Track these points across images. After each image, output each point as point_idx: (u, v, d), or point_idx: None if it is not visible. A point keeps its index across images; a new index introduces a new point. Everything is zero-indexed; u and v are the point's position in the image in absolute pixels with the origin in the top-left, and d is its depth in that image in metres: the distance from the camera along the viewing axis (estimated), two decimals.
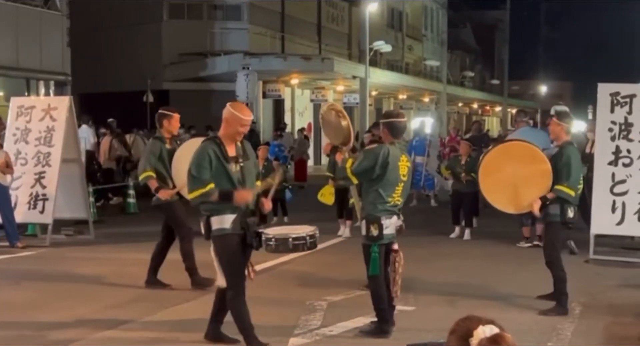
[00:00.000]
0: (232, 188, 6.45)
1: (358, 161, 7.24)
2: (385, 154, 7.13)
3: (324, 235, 13.28)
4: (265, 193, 7.00)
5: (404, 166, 7.28)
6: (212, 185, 6.40)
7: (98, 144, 20.17)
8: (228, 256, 6.59)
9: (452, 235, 13.70)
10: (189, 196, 6.61)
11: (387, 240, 7.23)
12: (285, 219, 15.43)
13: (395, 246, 7.32)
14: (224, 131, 6.54)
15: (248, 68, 25.81)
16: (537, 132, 13.78)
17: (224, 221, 6.51)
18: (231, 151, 6.51)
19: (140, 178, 9.40)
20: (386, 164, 7.13)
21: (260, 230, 6.71)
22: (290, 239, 6.78)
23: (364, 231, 7.29)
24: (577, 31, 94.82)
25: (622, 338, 7.39)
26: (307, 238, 6.87)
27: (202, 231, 6.69)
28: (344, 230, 13.88)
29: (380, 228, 7.14)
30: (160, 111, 9.61)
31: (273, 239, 6.73)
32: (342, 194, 13.28)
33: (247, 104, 26.94)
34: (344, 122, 7.82)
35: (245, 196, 6.45)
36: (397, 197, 7.25)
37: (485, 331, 2.56)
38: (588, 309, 8.37)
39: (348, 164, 7.28)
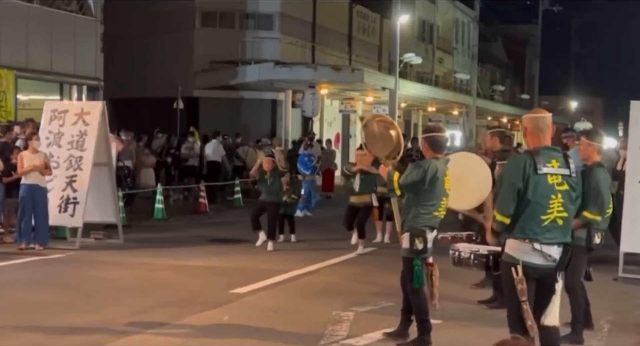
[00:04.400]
0: None
1: (405, 175, 7.21)
2: (433, 170, 7.14)
3: (344, 248, 13.37)
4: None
5: (448, 180, 7.32)
6: None
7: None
8: None
9: None
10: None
11: (429, 254, 7.24)
12: (293, 238, 14.52)
13: (430, 260, 7.31)
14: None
15: (314, 87, 27.82)
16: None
17: None
18: None
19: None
20: (435, 180, 7.13)
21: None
22: None
23: (406, 244, 7.24)
24: (608, 47, 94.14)
25: None
26: None
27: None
28: (360, 246, 13.18)
29: (425, 241, 7.15)
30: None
31: None
32: (354, 211, 13.16)
33: (311, 119, 28.75)
34: (392, 133, 7.67)
35: None
36: (441, 211, 7.28)
37: None
38: (616, 327, 8.29)
39: (395, 177, 7.26)
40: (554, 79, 75.01)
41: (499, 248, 5.95)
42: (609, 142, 26.96)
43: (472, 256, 6.23)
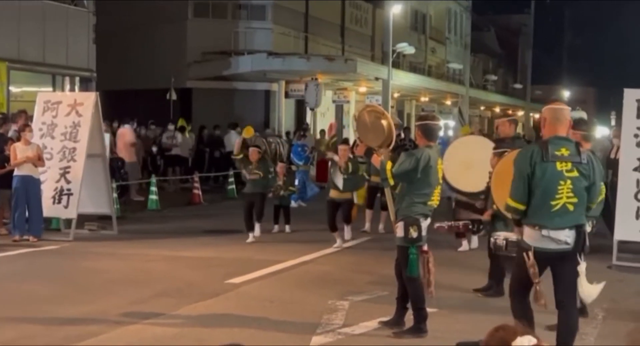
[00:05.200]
0: None
1: (398, 163, 7.22)
2: (426, 158, 7.16)
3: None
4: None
5: (441, 168, 7.37)
6: None
7: None
8: None
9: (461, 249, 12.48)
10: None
11: (424, 242, 7.26)
12: (287, 228, 14.48)
13: (425, 247, 7.34)
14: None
15: (317, 79, 28.12)
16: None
17: None
18: None
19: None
20: (429, 168, 7.16)
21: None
22: None
23: (401, 233, 7.25)
24: (601, 37, 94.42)
25: None
26: None
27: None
28: (341, 240, 12.79)
29: (420, 229, 7.17)
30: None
31: None
32: (335, 207, 12.68)
33: (312, 110, 29.23)
34: (384, 122, 7.66)
35: None
36: (435, 199, 7.30)
37: (523, 342, 2.46)
38: (611, 315, 8.33)
39: (388, 166, 7.28)
40: (547, 68, 75.15)
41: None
42: (601, 131, 27.03)
43: (505, 243, 6.53)
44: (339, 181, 12.60)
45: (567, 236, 5.89)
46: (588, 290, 6.08)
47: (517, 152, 6.31)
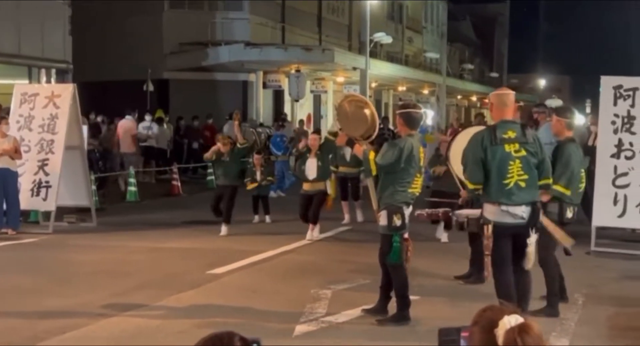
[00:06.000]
0: None
1: (382, 154, 7.24)
2: (409, 147, 7.19)
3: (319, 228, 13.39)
4: None
5: (423, 157, 7.46)
6: None
7: None
8: None
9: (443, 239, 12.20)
10: None
11: (406, 230, 7.30)
12: (267, 218, 14.40)
13: (406, 235, 7.37)
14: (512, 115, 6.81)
15: (299, 71, 28.43)
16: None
17: None
18: None
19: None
20: (411, 157, 7.19)
21: None
22: None
23: (384, 222, 7.28)
24: (576, 25, 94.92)
25: (624, 329, 7.45)
26: None
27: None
28: (312, 233, 12.42)
29: (403, 217, 7.22)
30: None
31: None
32: (308, 199, 12.35)
33: (297, 100, 29.39)
34: (366, 112, 7.64)
35: None
36: (417, 187, 7.35)
37: (510, 321, 2.49)
38: (590, 300, 8.41)
39: (371, 156, 7.29)
40: (523, 57, 75.68)
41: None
42: (577, 119, 27.23)
43: (466, 220, 7.21)
44: (311, 170, 12.33)
45: (523, 212, 6.52)
46: (531, 258, 6.72)
47: (469, 139, 6.76)
